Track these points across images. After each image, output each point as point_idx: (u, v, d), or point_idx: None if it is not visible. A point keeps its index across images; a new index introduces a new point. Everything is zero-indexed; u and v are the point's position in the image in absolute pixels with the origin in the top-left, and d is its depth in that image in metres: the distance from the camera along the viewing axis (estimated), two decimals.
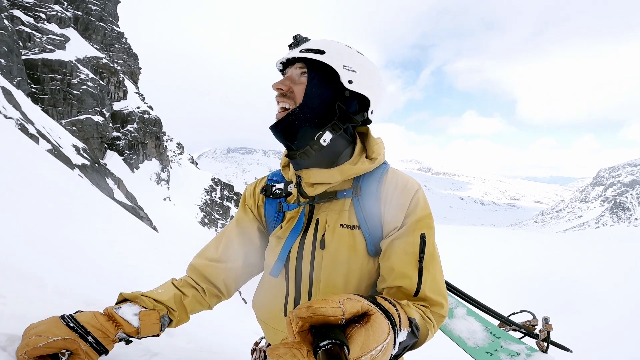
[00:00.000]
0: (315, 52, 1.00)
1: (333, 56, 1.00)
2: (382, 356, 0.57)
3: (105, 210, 6.44)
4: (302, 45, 1.03)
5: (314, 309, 0.54)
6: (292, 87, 1.02)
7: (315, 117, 1.00)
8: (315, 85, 1.00)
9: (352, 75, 1.01)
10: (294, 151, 1.04)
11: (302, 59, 1.03)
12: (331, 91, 1.01)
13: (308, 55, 1.00)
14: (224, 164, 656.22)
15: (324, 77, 1.01)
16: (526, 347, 1.61)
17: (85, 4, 42.30)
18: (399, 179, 1.07)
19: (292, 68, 1.05)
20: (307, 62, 1.02)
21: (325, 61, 0.99)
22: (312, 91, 1.00)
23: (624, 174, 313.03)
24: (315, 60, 1.01)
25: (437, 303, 0.97)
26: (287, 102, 1.02)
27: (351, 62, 1.02)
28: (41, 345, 0.83)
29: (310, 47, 1.01)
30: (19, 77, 25.85)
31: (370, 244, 1.03)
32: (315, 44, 1.02)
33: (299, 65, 1.03)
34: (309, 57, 1.00)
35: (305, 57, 1.01)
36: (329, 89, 1.01)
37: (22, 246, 2.02)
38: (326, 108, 1.01)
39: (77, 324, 0.90)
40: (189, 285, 1.18)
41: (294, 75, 1.04)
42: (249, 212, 1.24)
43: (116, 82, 42.23)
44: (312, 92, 1.00)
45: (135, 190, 33.72)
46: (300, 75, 1.03)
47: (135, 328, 0.97)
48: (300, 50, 1.02)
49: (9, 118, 16.06)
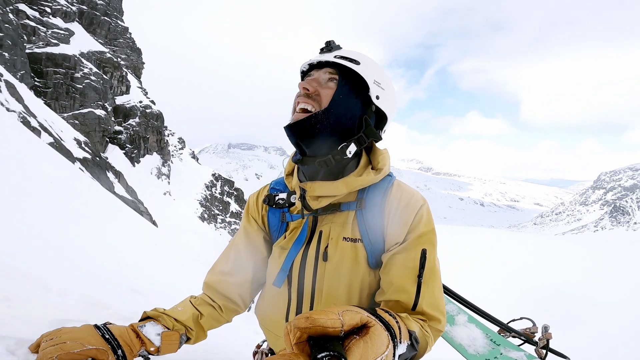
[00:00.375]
0: (350, 60, 0.99)
1: (367, 68, 1.00)
2: None
3: (106, 207, 6.44)
4: (335, 52, 1.02)
5: (313, 320, 0.53)
6: (319, 89, 1.00)
7: (339, 125, 0.99)
8: (345, 94, 0.99)
9: (380, 91, 1.01)
10: (308, 157, 1.02)
11: (336, 65, 1.02)
12: (359, 103, 1.01)
13: (344, 62, 0.99)
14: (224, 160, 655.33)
15: (354, 88, 1.00)
16: (525, 354, 1.62)
17: None
18: (403, 194, 1.06)
19: (320, 72, 1.03)
20: (339, 69, 1.01)
21: (360, 72, 0.98)
22: (340, 98, 0.98)
23: (625, 178, 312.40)
24: (348, 69, 1.01)
25: (434, 318, 0.97)
26: (311, 104, 0.99)
27: (381, 79, 1.02)
28: (76, 351, 0.84)
29: (346, 56, 1.00)
30: (23, 71, 25.87)
31: (372, 257, 1.03)
32: (350, 53, 1.02)
33: (329, 71, 1.02)
34: (343, 64, 0.99)
35: (340, 63, 1.00)
36: (357, 100, 1.00)
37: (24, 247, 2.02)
38: (351, 119, 1.00)
39: (112, 337, 0.93)
40: (205, 303, 1.19)
41: (321, 79, 1.02)
42: (253, 222, 1.24)
43: (119, 76, 42.22)
44: (340, 99, 0.98)
45: (135, 185, 33.76)
46: (328, 80, 1.01)
47: (156, 347, 1.00)
48: (335, 56, 1.00)
49: (12, 111, 16.07)
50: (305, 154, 1.03)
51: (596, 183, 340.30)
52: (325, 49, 1.04)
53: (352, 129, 1.01)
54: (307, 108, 0.99)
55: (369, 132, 1.02)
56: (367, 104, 1.02)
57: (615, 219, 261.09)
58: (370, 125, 1.02)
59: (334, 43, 1.04)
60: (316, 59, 1.04)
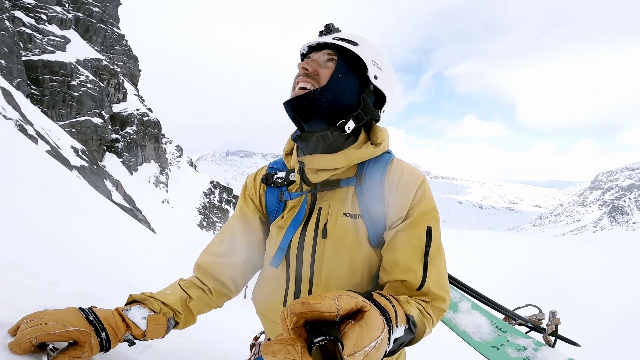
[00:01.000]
0: (348, 42, 1.01)
1: (365, 49, 1.02)
2: (376, 352, 0.58)
3: (102, 208, 6.40)
4: (334, 34, 1.04)
5: (309, 305, 0.54)
6: (318, 69, 1.02)
7: (338, 102, 1.00)
8: (343, 73, 1.01)
9: (378, 71, 1.03)
10: (307, 133, 1.03)
11: (334, 46, 1.04)
12: (358, 82, 1.02)
13: (342, 43, 1.01)
14: (222, 167, 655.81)
15: (352, 67, 1.02)
16: (533, 341, 1.58)
17: (86, 5, 42.43)
18: (404, 169, 1.05)
19: (319, 53, 1.05)
20: (338, 50, 1.03)
21: (358, 52, 1.00)
22: (339, 77, 1.00)
23: (622, 178, 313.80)
24: (346, 50, 1.03)
25: (439, 297, 0.96)
26: (310, 82, 1.00)
27: (379, 60, 1.05)
28: (57, 332, 0.82)
29: (344, 37, 1.02)
30: (19, 78, 25.86)
31: (372, 234, 1.01)
32: (349, 35, 1.04)
33: (328, 52, 1.04)
34: (342, 45, 1.01)
35: (338, 44, 1.01)
36: (355, 79, 1.02)
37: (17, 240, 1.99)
38: (350, 97, 1.02)
39: (96, 319, 0.91)
40: (195, 286, 1.16)
41: (320, 60, 1.04)
42: (249, 202, 1.22)
43: (116, 84, 42.29)
44: (339, 77, 1.00)
45: (133, 193, 33.66)
46: (327, 60, 1.03)
47: (142, 331, 0.98)
48: (334, 38, 1.02)
49: (8, 119, 16.02)
50: (303, 129, 1.04)
51: (594, 184, 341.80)
52: (325, 31, 1.06)
53: (351, 107, 1.02)
54: (306, 87, 1.00)
55: (367, 109, 1.03)
56: (366, 84, 1.03)
57: (614, 219, 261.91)
58: (369, 103, 1.03)
59: (333, 26, 1.06)
60: (315, 41, 1.06)
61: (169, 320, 1.05)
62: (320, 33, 1.07)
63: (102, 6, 44.58)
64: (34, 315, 0.87)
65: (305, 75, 1.01)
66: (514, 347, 1.57)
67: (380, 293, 0.75)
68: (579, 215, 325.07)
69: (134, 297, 1.05)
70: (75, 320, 0.87)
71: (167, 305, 1.06)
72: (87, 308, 0.94)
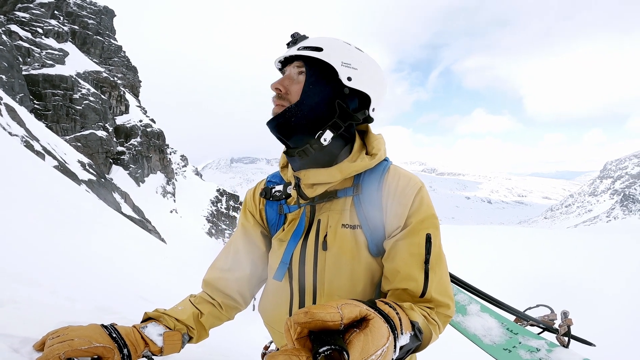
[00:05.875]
0: (312, 49, 0.98)
1: (330, 53, 0.98)
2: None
3: (113, 222, 6.47)
4: (300, 43, 1.02)
5: (312, 314, 0.54)
6: (289, 87, 1.00)
7: (313, 115, 0.98)
8: (313, 83, 0.99)
9: (351, 72, 0.99)
10: (292, 149, 1.03)
11: (300, 57, 1.01)
12: (330, 89, 0.99)
13: (305, 52, 0.98)
14: (228, 175, 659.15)
15: (322, 75, 0.99)
16: (546, 342, 1.54)
17: (81, 18, 42.85)
18: (401, 176, 1.04)
19: (291, 67, 1.03)
20: (305, 60, 1.01)
21: (323, 58, 0.97)
22: (310, 89, 0.98)
23: (631, 166, 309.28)
24: (313, 58, 1.00)
25: (443, 304, 0.96)
26: (282, 104, 1.00)
27: (350, 59, 1.00)
28: (84, 348, 0.85)
29: (308, 45, 1.00)
30: (22, 94, 26.08)
31: (372, 243, 1.01)
32: (312, 41, 1.01)
33: (297, 64, 1.01)
34: (306, 55, 0.99)
35: (302, 54, 0.99)
36: (327, 87, 0.99)
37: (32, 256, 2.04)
38: (325, 106, 0.99)
39: (119, 336, 0.94)
40: (205, 301, 1.18)
41: (292, 74, 1.02)
42: (250, 217, 1.23)
43: (117, 95, 42.68)
44: (310, 89, 0.98)
45: (141, 204, 33.93)
46: (298, 74, 1.01)
47: (159, 348, 1.01)
48: (298, 48, 1.00)
49: (14, 135, 16.22)
50: (289, 146, 1.04)
51: (603, 172, 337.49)
52: (291, 42, 1.04)
53: (329, 116, 1.00)
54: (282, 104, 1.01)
55: (344, 115, 1.00)
56: (340, 88, 1.00)
57: (627, 208, 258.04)
58: (345, 108, 0.99)
59: (299, 34, 1.04)
60: (282, 56, 1.04)
61: (183, 336, 1.07)
62: (287, 45, 1.05)
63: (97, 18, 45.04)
64: (59, 332, 0.89)
65: (278, 97, 1.01)
66: (527, 348, 1.54)
67: (383, 301, 0.75)
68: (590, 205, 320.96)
69: (149, 315, 1.08)
70: (99, 336, 0.90)
71: (181, 321, 1.09)
72: (109, 325, 0.96)
